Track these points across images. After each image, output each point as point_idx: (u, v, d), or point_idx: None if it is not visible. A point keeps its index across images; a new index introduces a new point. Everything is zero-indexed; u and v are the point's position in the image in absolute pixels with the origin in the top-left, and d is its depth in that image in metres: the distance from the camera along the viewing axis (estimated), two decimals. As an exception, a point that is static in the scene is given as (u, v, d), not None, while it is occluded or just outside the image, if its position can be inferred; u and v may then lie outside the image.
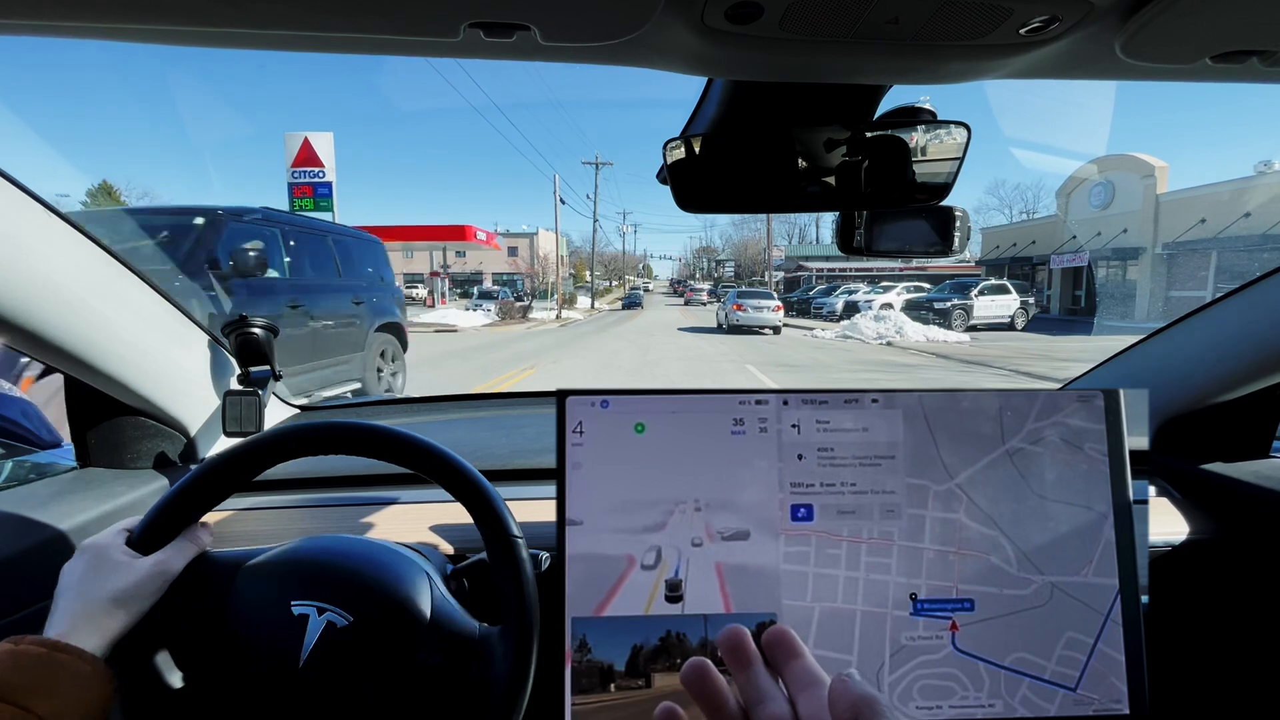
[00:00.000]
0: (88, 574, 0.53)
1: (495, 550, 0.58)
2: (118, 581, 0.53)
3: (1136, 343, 1.01)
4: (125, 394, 0.84)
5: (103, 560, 0.54)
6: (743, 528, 0.57)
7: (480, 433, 1.25)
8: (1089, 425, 0.60)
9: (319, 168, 17.72)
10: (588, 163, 39.70)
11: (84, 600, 0.51)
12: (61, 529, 0.72)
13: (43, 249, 0.67)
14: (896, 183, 0.68)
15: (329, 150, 17.84)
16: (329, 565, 0.59)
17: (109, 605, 0.51)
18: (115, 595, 0.52)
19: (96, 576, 0.53)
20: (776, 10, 0.42)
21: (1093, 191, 21.98)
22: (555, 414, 0.58)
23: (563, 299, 31.09)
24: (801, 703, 0.30)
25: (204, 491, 0.58)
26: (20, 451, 1.27)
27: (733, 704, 0.31)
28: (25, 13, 0.41)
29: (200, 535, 0.60)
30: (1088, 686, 0.57)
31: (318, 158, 17.69)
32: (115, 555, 0.54)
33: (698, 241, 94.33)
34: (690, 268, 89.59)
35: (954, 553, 0.58)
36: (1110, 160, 21.79)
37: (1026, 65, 0.51)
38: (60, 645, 0.48)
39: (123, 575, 0.53)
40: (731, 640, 0.32)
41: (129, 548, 0.56)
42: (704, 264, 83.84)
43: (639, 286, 57.14)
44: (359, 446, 0.59)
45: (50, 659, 0.47)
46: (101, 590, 0.52)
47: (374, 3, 0.40)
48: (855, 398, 0.59)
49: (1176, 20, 0.43)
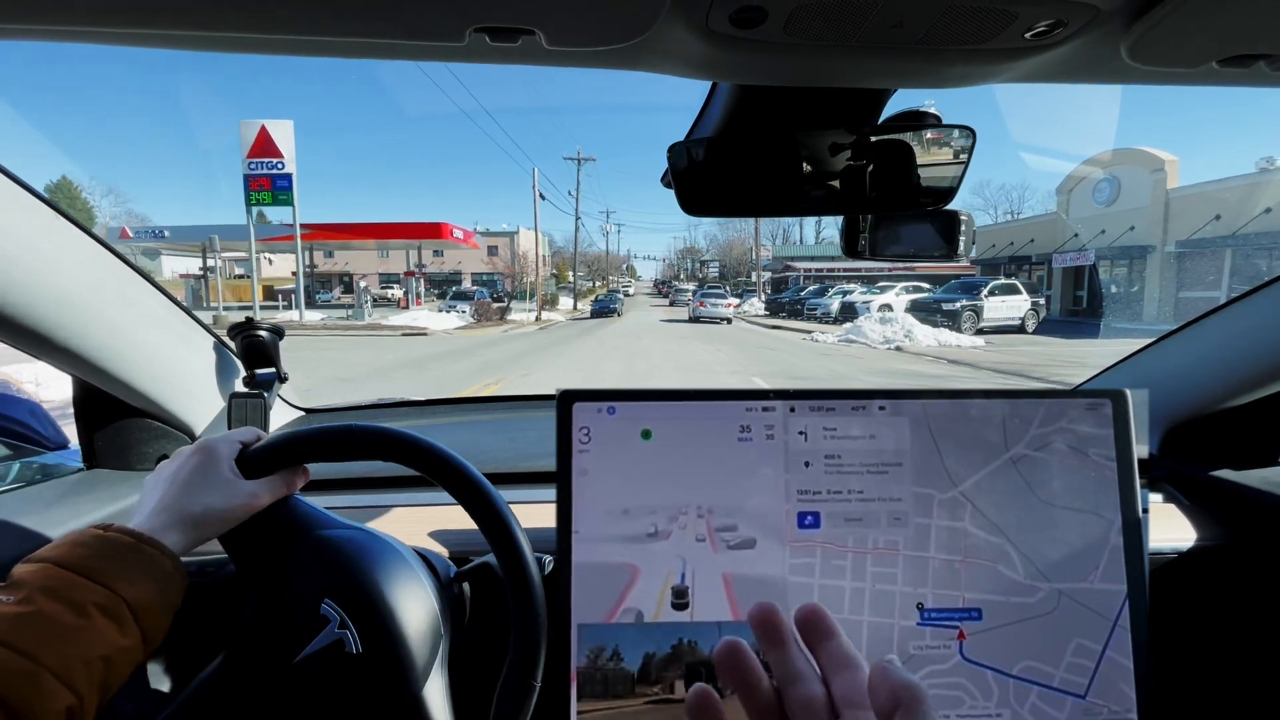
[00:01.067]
0: (193, 477, 0.54)
1: (503, 563, 0.58)
2: (216, 497, 0.54)
3: (1144, 347, 1.01)
4: (132, 396, 0.85)
5: (212, 470, 0.55)
6: (749, 536, 0.57)
7: (485, 435, 1.25)
8: (1096, 431, 0.60)
9: (278, 158, 16.51)
10: (569, 158, 37.75)
11: (180, 503, 0.52)
12: (67, 530, 0.73)
13: (51, 252, 0.67)
14: (901, 187, 0.67)
15: (289, 139, 16.62)
16: (371, 583, 0.57)
17: (201, 515, 0.53)
18: (209, 508, 0.53)
19: (202, 484, 0.54)
20: (781, 14, 0.42)
21: (1097, 187, 20.70)
22: (558, 420, 0.58)
23: (543, 300, 29.55)
24: (836, 684, 0.29)
25: (313, 446, 0.58)
26: (27, 452, 1.27)
27: (766, 684, 0.30)
28: (37, 18, 0.42)
29: (295, 479, 0.61)
30: (1097, 693, 0.57)
31: (276, 147, 16.45)
32: (224, 470, 0.55)
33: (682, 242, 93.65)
34: (675, 268, 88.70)
35: (960, 561, 0.58)
36: (1116, 155, 20.66)
37: (1031, 69, 0.51)
38: (147, 539, 0.49)
39: (222, 492, 0.54)
40: (765, 616, 0.31)
41: (237, 466, 0.57)
42: (688, 264, 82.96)
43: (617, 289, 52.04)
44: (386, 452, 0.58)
45: (138, 549, 0.48)
46: (200, 499, 0.53)
47: (380, 8, 0.40)
48: (862, 404, 0.59)
49: (1183, 24, 0.42)
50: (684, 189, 0.67)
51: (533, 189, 28.16)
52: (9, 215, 0.62)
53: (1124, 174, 19.87)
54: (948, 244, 0.75)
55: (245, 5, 0.39)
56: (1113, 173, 20.29)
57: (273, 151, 16.59)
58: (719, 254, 67.45)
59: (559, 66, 0.50)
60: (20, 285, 0.64)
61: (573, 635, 0.55)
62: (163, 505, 0.52)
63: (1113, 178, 20.22)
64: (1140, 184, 19.13)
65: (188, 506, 0.53)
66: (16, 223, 0.63)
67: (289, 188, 16.83)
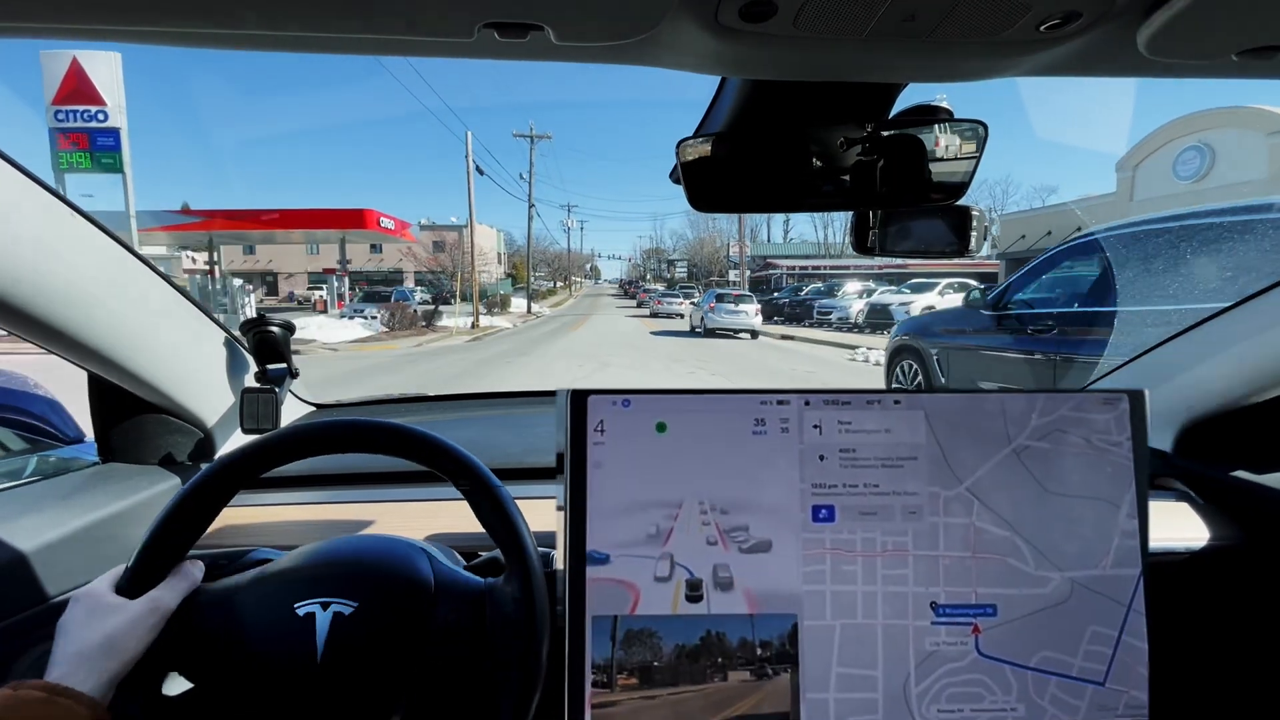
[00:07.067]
0: (82, 620, 0.54)
1: (507, 556, 0.58)
2: (109, 625, 0.53)
3: (1161, 341, 1.00)
4: (147, 391, 0.86)
5: (95, 606, 0.54)
6: (763, 529, 0.57)
7: (493, 431, 1.26)
8: (1103, 418, 0.60)
9: (98, 105, 11.19)
10: (520, 135, 31.55)
11: (79, 645, 0.52)
12: (84, 523, 0.74)
13: (69, 249, 0.68)
14: (912, 182, 0.67)
15: (115, 79, 11.32)
16: (324, 564, 0.60)
17: (104, 648, 0.52)
18: (108, 638, 0.52)
19: (90, 621, 0.53)
20: (791, 8, 0.42)
21: (1180, 159, 15.70)
22: (566, 414, 0.58)
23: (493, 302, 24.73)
24: None
25: (191, 518, 0.58)
26: (45, 446, 1.29)
27: None
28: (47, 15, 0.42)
29: (192, 570, 0.59)
30: (1116, 679, 0.57)
31: (95, 90, 11.15)
32: (106, 599, 0.55)
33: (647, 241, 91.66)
34: (640, 268, 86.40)
35: (971, 557, 0.58)
36: (1207, 117, 15.47)
37: (1045, 62, 0.50)
38: (59, 689, 0.48)
39: (114, 618, 0.54)
40: None
41: (118, 593, 0.56)
42: (654, 265, 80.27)
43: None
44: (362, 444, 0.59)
45: (50, 703, 0.47)
46: (94, 634, 0.52)
47: (389, 5, 0.40)
48: (877, 399, 0.59)
49: (1202, 15, 0.42)
50: (693, 184, 0.67)
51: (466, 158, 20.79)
52: (25, 211, 0.63)
53: (1219, 140, 15.00)
54: (959, 239, 0.74)
55: (255, 3, 0.40)
56: (1203, 139, 15.38)
57: (90, 96, 11.11)
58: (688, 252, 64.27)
59: (567, 62, 0.50)
60: (37, 281, 0.65)
61: (587, 627, 0.55)
62: (67, 652, 0.52)
63: (1203, 146, 15.35)
64: (1247, 151, 14.22)
65: (89, 642, 0.52)
66: (32, 219, 0.64)
67: (116, 147, 11.26)
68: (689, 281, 50.84)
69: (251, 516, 0.88)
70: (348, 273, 23.67)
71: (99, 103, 11.25)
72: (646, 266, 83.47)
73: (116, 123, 11.30)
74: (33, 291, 0.65)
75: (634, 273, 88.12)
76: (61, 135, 11.22)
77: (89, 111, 11.24)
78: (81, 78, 11.21)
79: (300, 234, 22.31)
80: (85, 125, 11.28)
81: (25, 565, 0.67)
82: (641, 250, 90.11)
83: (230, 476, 0.58)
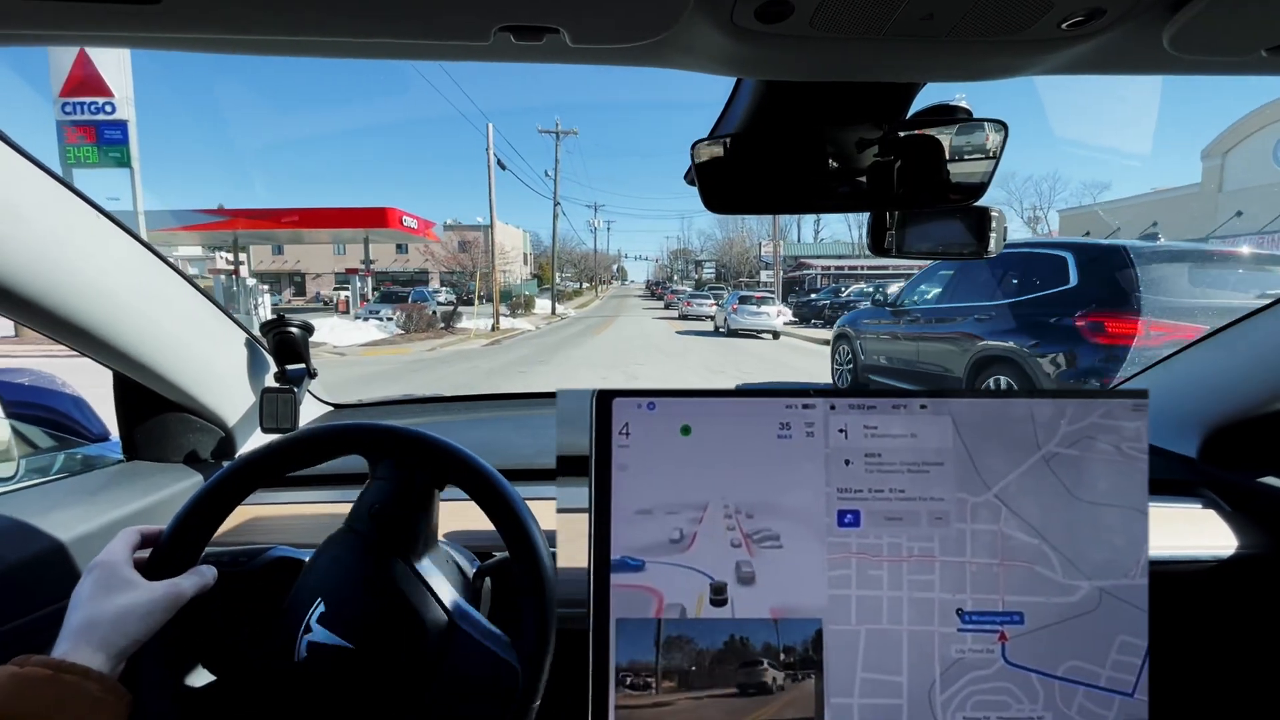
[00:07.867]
0: (95, 591, 0.51)
1: (519, 568, 0.58)
2: (125, 601, 0.51)
3: (1187, 345, 0.97)
4: (170, 391, 0.87)
5: (110, 579, 0.52)
6: (788, 533, 0.57)
7: (507, 432, 1.26)
8: (1138, 429, 0.58)
9: (105, 97, 11.09)
10: (545, 130, 30.79)
11: (90, 617, 0.50)
12: (111, 519, 0.76)
13: (95, 251, 0.70)
14: (930, 183, 0.66)
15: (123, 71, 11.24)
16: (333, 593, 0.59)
17: (115, 622, 0.50)
18: (121, 613, 0.50)
19: (104, 594, 0.51)
20: (807, 8, 0.42)
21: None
22: (591, 415, 0.58)
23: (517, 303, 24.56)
24: None
25: (212, 514, 0.59)
26: (72, 444, 1.32)
27: None
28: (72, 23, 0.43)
29: (207, 573, 0.58)
30: (1145, 690, 0.56)
31: (102, 81, 11.06)
32: (123, 573, 0.53)
33: (674, 242, 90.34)
34: (667, 269, 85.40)
35: (998, 564, 0.57)
36: None
37: (1067, 60, 0.50)
38: (65, 665, 0.46)
39: (130, 594, 0.52)
40: None
41: (138, 570, 0.54)
42: (681, 266, 78.86)
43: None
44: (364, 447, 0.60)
45: (55, 680, 0.45)
46: (108, 607, 0.50)
47: (406, 8, 0.41)
48: (903, 403, 0.58)
49: (1229, 10, 0.41)
50: (707, 186, 0.67)
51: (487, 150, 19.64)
52: (52, 213, 0.65)
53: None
54: (978, 241, 0.73)
55: (273, 6, 0.40)
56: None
57: (97, 87, 10.95)
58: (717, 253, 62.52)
59: (583, 64, 0.51)
60: (64, 282, 0.67)
61: (611, 630, 0.55)
62: (76, 626, 0.49)
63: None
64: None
65: (101, 615, 0.50)
66: (59, 220, 0.65)
67: (124, 140, 10.99)
68: (717, 283, 49.35)
69: (272, 512, 0.89)
70: (371, 273, 23.53)
71: (106, 94, 11.09)
72: (673, 267, 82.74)
73: (124, 114, 11.06)
74: (58, 290, 0.66)
75: (660, 274, 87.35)
76: (69, 128, 11.05)
77: (96, 103, 11.08)
78: (89, 67, 11.08)
79: (327, 234, 22.00)
80: (93, 117, 11.10)
81: (54, 559, 0.69)
82: (669, 251, 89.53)
83: (251, 475, 0.59)
